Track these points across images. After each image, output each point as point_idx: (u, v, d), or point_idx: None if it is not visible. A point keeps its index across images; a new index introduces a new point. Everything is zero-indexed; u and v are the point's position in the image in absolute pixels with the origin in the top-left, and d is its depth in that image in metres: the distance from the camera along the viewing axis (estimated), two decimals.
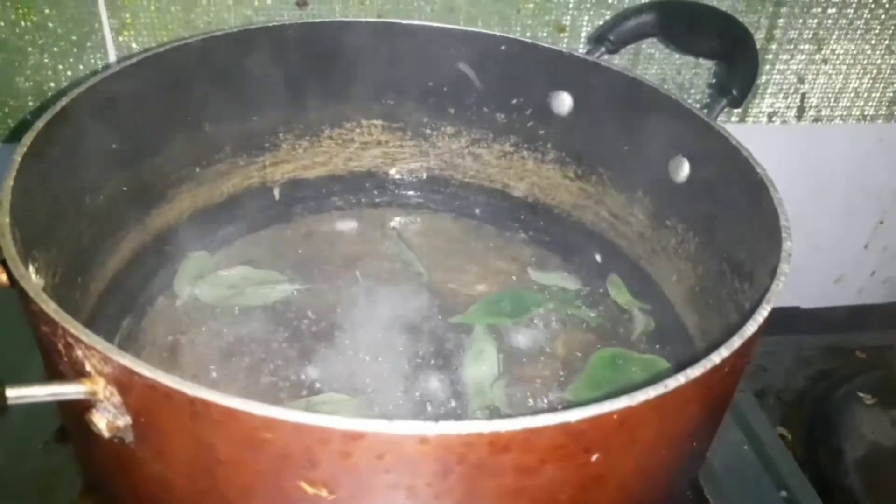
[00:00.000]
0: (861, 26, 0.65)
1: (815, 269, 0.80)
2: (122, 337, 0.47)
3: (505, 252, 0.57)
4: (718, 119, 0.65)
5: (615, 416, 0.26)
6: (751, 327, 0.29)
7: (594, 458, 0.27)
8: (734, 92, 0.46)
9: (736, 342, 0.28)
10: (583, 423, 0.25)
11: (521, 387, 0.46)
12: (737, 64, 0.46)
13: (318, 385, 0.45)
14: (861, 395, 0.58)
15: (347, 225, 0.58)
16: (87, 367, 0.27)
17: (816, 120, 0.70)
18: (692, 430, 0.31)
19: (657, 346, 0.50)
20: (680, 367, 0.27)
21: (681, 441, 0.31)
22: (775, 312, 0.83)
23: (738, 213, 0.42)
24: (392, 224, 0.59)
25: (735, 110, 0.67)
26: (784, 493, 0.47)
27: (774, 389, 0.61)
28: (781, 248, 0.34)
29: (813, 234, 0.77)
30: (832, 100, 0.69)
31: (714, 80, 0.63)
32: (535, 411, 0.43)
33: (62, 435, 0.45)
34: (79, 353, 0.27)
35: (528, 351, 0.49)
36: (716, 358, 0.28)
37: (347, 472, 0.26)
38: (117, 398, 0.27)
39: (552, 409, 0.25)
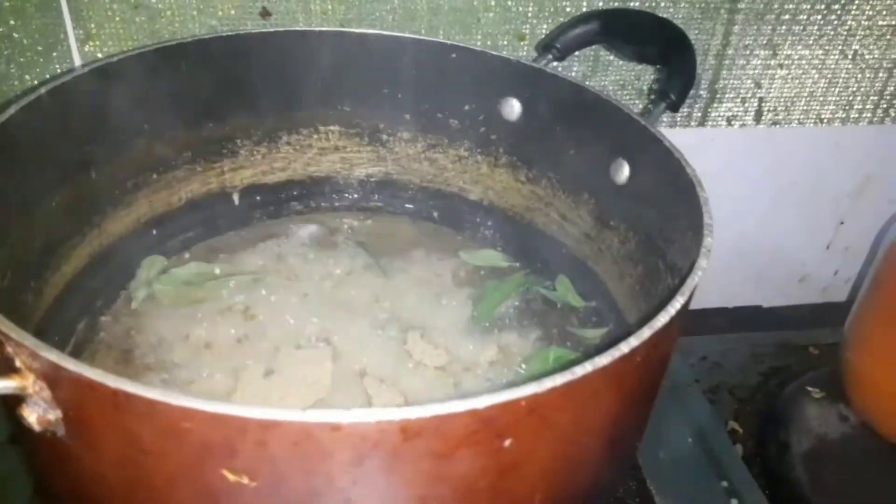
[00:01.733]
0: (814, 32, 0.67)
1: (778, 270, 0.81)
2: (77, 339, 0.48)
3: (460, 253, 0.59)
4: (678, 123, 0.67)
5: (523, 403, 0.27)
6: (662, 318, 0.30)
7: (507, 443, 0.28)
8: (672, 96, 0.47)
9: (646, 332, 0.30)
10: (492, 410, 0.27)
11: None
12: (675, 69, 0.48)
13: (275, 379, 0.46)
14: (810, 389, 0.59)
15: (306, 229, 0.60)
16: (17, 363, 0.28)
17: (774, 123, 0.71)
18: (613, 419, 0.32)
19: (598, 343, 0.51)
20: None
21: (601, 429, 0.32)
22: (736, 311, 0.85)
23: (671, 211, 0.43)
24: (351, 227, 0.60)
25: (694, 115, 0.68)
26: (725, 484, 0.48)
27: (728, 385, 0.62)
28: (702, 243, 0.36)
29: (775, 235, 0.78)
30: (789, 103, 0.70)
31: (655, 85, 0.65)
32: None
33: (14, 437, 0.46)
34: (9, 349, 0.28)
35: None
36: (624, 347, 0.29)
37: (266, 459, 0.27)
38: (47, 392, 0.28)
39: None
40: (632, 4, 0.61)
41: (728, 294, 0.79)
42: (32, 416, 0.28)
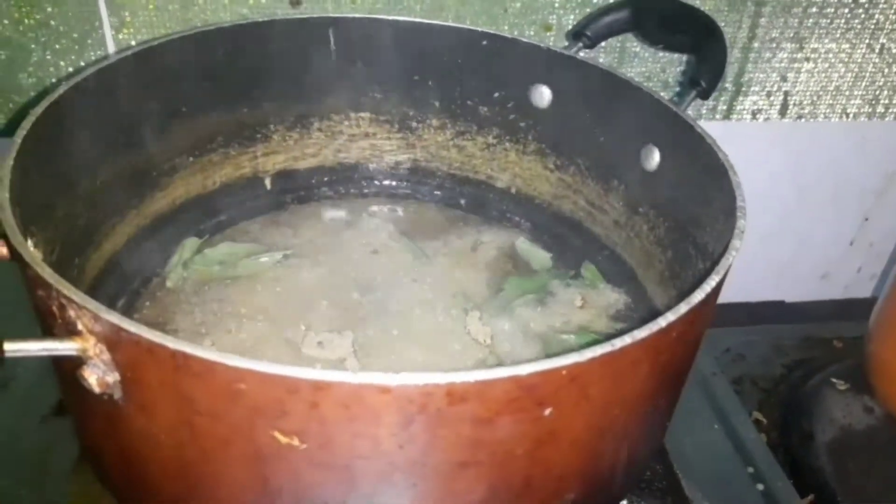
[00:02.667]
0: (842, 25, 0.66)
1: (801, 265, 0.81)
2: None
3: (487, 240, 0.59)
4: (703, 116, 0.68)
5: (564, 372, 0.28)
6: (698, 295, 0.31)
7: (547, 412, 0.29)
8: (703, 84, 0.48)
9: (682, 308, 0.30)
10: (534, 377, 0.27)
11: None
12: (705, 57, 0.48)
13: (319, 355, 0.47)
14: (835, 381, 0.59)
15: (336, 214, 0.61)
16: (79, 326, 0.29)
17: (800, 117, 0.71)
18: (646, 394, 0.33)
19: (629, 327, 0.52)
20: None
21: (635, 403, 0.33)
22: (759, 306, 0.84)
23: (702, 196, 0.44)
24: (380, 213, 0.61)
25: (719, 108, 0.69)
26: (751, 470, 0.48)
27: (752, 376, 0.62)
28: (736, 225, 0.36)
29: (799, 231, 0.78)
30: (815, 97, 0.70)
31: (685, 73, 0.65)
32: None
33: (60, 409, 0.47)
34: (71, 313, 0.29)
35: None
36: (662, 322, 0.30)
37: (316, 421, 0.28)
38: (107, 355, 0.29)
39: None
40: None
41: (750, 289, 0.79)
42: (93, 377, 0.29)
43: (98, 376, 0.29)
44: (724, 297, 0.35)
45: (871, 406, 0.57)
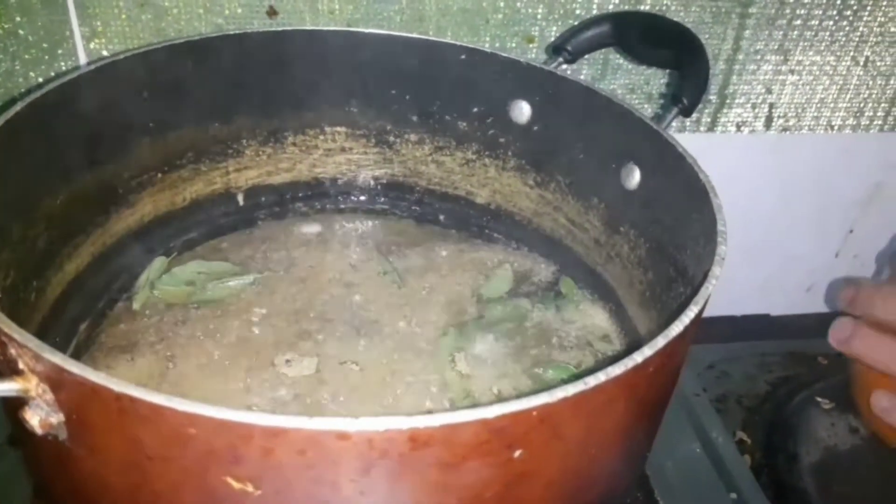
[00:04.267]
0: (826, 38, 0.66)
1: (786, 278, 0.80)
2: (79, 340, 0.48)
3: (467, 258, 0.58)
4: (687, 128, 0.67)
5: (535, 413, 0.26)
6: (675, 328, 0.30)
7: (517, 454, 0.27)
8: (685, 101, 0.47)
9: (660, 342, 0.29)
10: (502, 420, 0.26)
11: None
12: (687, 74, 0.47)
13: (285, 380, 0.45)
14: (819, 399, 0.58)
15: (311, 230, 0.59)
16: (21, 365, 0.27)
17: (784, 130, 0.71)
18: (624, 430, 0.32)
19: (610, 350, 0.51)
20: None
21: (612, 440, 0.32)
22: (743, 319, 0.84)
23: (683, 218, 0.42)
24: (356, 229, 0.60)
25: (703, 120, 0.68)
26: (734, 496, 0.47)
27: (735, 394, 0.61)
28: (716, 251, 0.35)
29: (784, 243, 0.78)
30: (800, 110, 0.70)
31: (667, 90, 0.64)
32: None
33: (13, 438, 0.45)
34: (12, 351, 0.27)
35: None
36: (638, 357, 0.28)
37: (271, 467, 0.26)
38: (50, 396, 0.27)
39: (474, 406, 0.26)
40: (642, 8, 0.60)
41: (735, 302, 0.78)
42: (35, 419, 0.27)
43: (41, 417, 0.28)
44: (708, 312, 0.33)
45: (856, 426, 0.57)
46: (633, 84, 0.65)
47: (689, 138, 0.69)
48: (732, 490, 0.48)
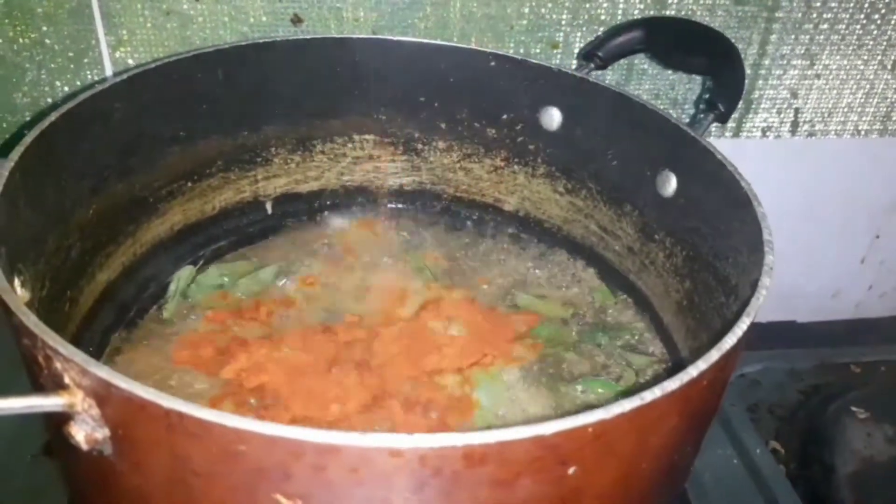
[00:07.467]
0: (853, 42, 0.65)
1: (811, 284, 0.80)
2: (112, 349, 0.47)
3: (498, 266, 0.58)
4: (712, 133, 0.66)
5: (590, 430, 0.26)
6: (729, 340, 0.29)
7: (571, 471, 0.27)
8: (721, 107, 0.46)
9: (714, 355, 0.28)
10: (558, 437, 0.25)
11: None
12: (723, 80, 0.47)
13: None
14: (854, 409, 0.57)
15: (339, 237, 0.59)
16: (66, 380, 0.27)
17: (810, 135, 0.70)
18: (673, 444, 0.31)
19: (646, 361, 0.50)
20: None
21: (662, 454, 0.31)
22: (770, 327, 0.83)
23: (723, 226, 0.42)
24: (385, 237, 0.60)
25: (729, 125, 0.67)
26: None
27: (768, 404, 0.60)
28: (763, 261, 0.34)
29: (809, 249, 0.77)
30: (826, 115, 0.69)
31: (702, 96, 0.64)
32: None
33: (49, 448, 0.45)
34: (58, 365, 0.27)
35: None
36: (693, 371, 0.28)
37: (322, 485, 0.26)
38: (95, 410, 0.27)
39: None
40: (667, 13, 0.60)
41: (760, 308, 0.77)
42: (80, 434, 0.27)
43: (86, 433, 0.27)
44: None
45: (892, 437, 0.56)
46: (657, 90, 0.64)
47: (714, 143, 0.68)
48: (770, 501, 0.47)
